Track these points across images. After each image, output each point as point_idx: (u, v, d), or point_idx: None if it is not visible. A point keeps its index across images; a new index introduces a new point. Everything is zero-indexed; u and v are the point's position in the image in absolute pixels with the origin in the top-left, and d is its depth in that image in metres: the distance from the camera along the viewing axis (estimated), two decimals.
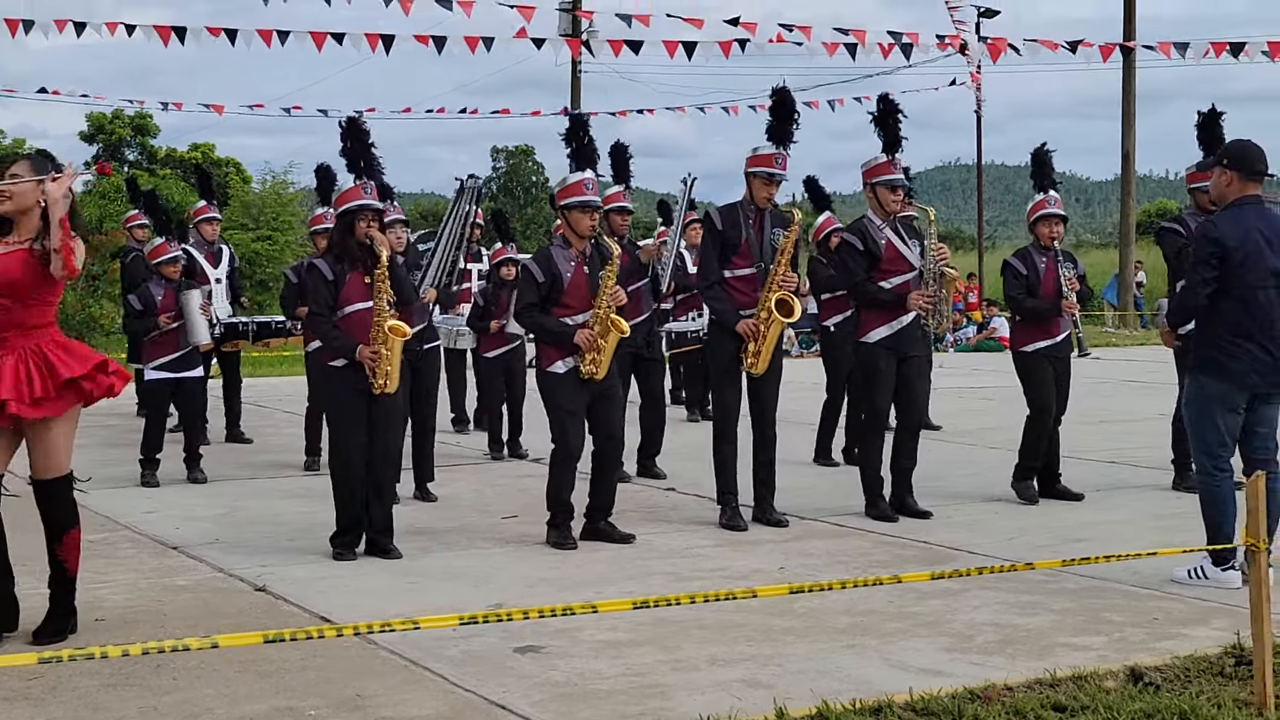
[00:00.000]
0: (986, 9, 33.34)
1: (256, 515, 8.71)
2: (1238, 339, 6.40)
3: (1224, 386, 6.46)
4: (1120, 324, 31.76)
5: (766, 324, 7.99)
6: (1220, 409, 6.48)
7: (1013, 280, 8.91)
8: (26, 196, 5.47)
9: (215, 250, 12.14)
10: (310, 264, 7.58)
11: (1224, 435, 6.52)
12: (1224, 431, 6.51)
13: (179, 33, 18.43)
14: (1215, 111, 8.69)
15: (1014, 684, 4.95)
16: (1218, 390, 6.47)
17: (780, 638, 5.66)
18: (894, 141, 8.38)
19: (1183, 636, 5.63)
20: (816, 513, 8.51)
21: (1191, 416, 6.64)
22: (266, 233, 35.83)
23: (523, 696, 4.91)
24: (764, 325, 7.99)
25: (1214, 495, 6.55)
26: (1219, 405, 6.48)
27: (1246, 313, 6.38)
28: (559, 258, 7.67)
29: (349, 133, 7.52)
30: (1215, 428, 6.51)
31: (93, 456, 11.25)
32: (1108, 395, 15.21)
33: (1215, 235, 6.40)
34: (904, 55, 21.26)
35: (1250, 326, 6.38)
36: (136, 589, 6.67)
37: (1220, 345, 6.44)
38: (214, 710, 4.78)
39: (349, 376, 7.28)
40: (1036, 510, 8.63)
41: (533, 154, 57.62)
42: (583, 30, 30.43)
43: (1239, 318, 6.39)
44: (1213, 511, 6.55)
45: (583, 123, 8.05)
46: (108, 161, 34.78)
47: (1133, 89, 33.19)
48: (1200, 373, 6.56)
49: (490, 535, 8.00)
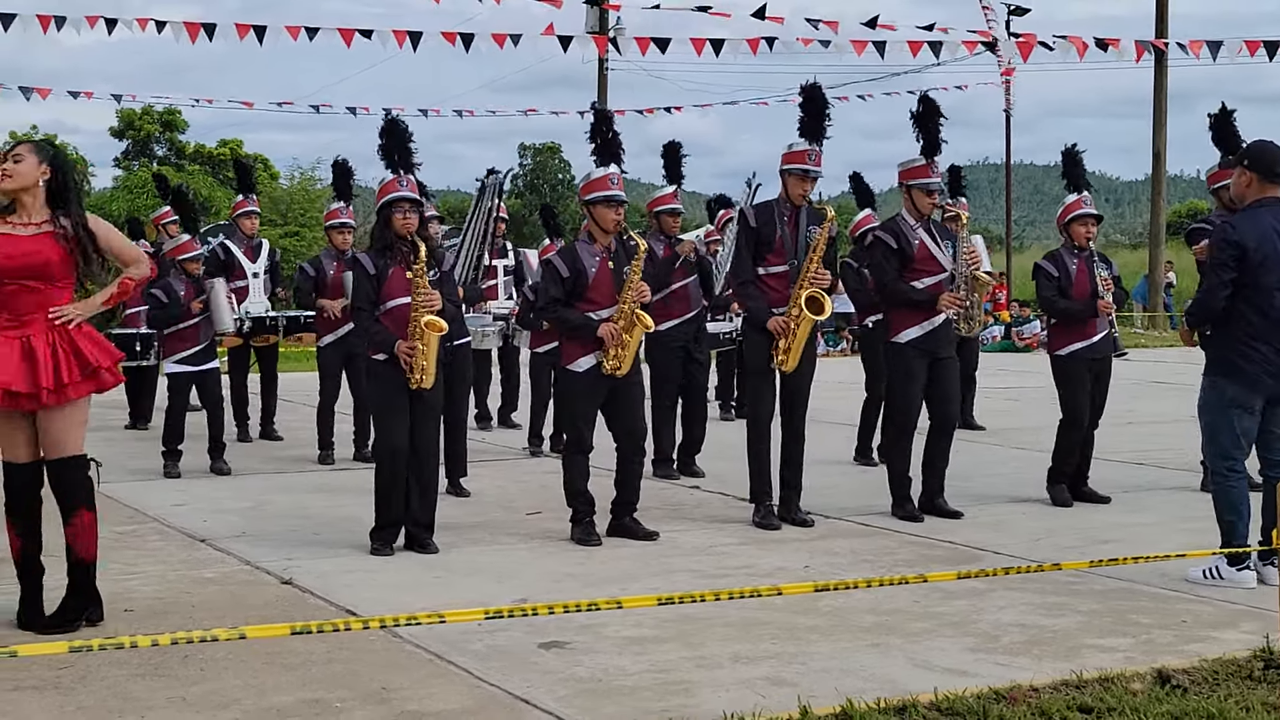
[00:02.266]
0: (1017, 6, 33.19)
1: (283, 509, 8.75)
2: (1253, 341, 6.39)
3: (1238, 388, 6.44)
4: (1150, 325, 31.59)
5: (797, 321, 7.97)
6: (1235, 411, 6.47)
7: (1045, 282, 8.84)
8: (28, 176, 5.62)
9: (255, 245, 12.18)
10: (354, 258, 7.61)
11: (1239, 437, 6.50)
12: (1239, 434, 6.49)
13: (208, 29, 18.49)
14: (1226, 110, 8.65)
15: (1040, 685, 4.93)
16: (1232, 392, 6.46)
17: (805, 636, 5.66)
18: (934, 144, 8.33)
19: (1211, 639, 5.59)
20: (842, 512, 8.50)
21: (1206, 418, 6.61)
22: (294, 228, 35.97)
23: (547, 691, 4.91)
24: (794, 322, 7.97)
25: (1228, 496, 6.54)
26: (1234, 407, 6.47)
27: (1261, 314, 6.38)
28: (584, 253, 7.68)
29: (387, 130, 7.55)
30: (1230, 430, 6.49)
31: (120, 449, 11.33)
32: (1137, 396, 15.13)
33: (1234, 237, 6.38)
34: (933, 53, 21.21)
35: (1265, 328, 6.38)
36: (165, 580, 6.71)
37: (1235, 347, 6.43)
38: (241, 701, 4.80)
39: (391, 371, 7.30)
40: (1064, 511, 8.59)
41: (559, 151, 57.65)
42: (610, 27, 30.45)
43: (1254, 319, 6.39)
44: (1227, 513, 6.54)
45: (607, 118, 8.05)
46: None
47: (1164, 88, 32.98)
48: (1215, 374, 6.55)
49: (515, 531, 8.01)
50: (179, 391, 10.21)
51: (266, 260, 12.09)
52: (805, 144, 8.04)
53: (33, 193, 5.64)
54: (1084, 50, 20.76)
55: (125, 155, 44.93)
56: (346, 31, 19.09)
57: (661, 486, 9.44)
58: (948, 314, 8.24)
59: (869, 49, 20.04)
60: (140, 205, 34.12)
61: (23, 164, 5.62)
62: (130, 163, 43.28)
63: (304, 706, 4.75)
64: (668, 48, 19.86)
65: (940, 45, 20.83)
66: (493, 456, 11.13)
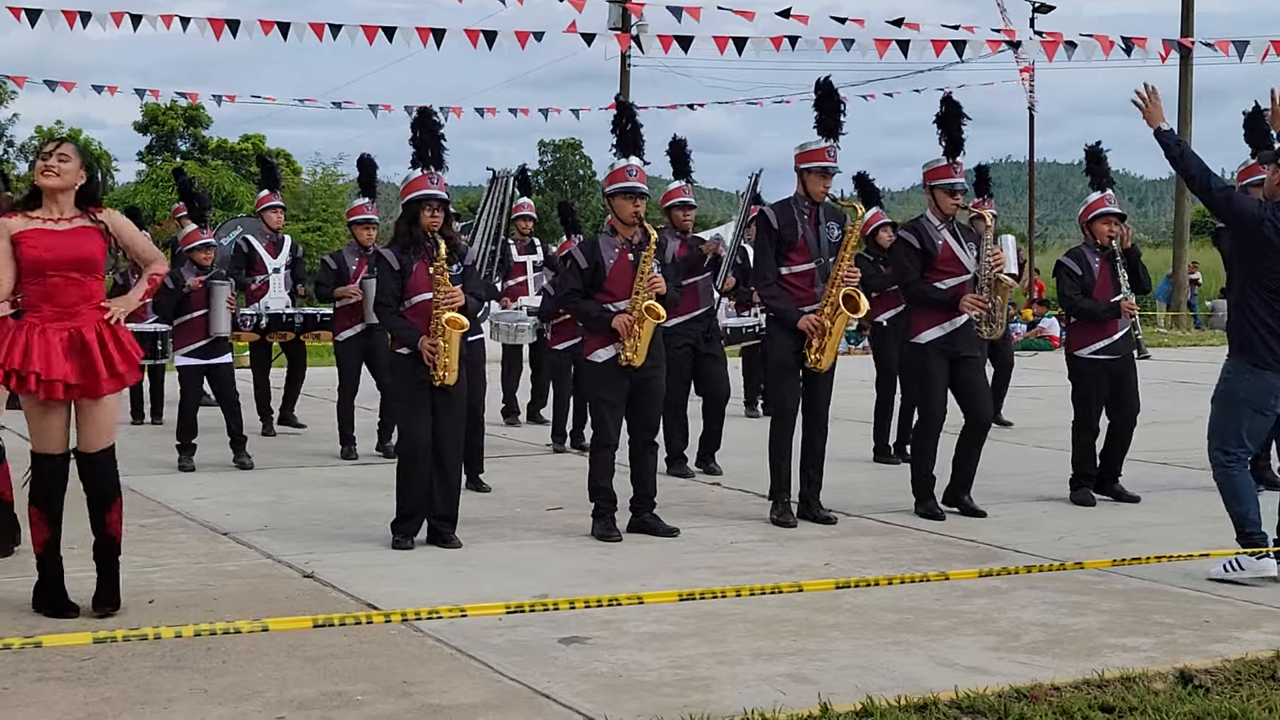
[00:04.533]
0: (1041, 4, 33.08)
1: (305, 503, 8.78)
2: (1270, 340, 6.40)
3: (1255, 387, 6.45)
4: (1173, 324, 31.45)
5: (832, 319, 7.96)
6: (1247, 410, 6.49)
7: (1067, 281, 8.81)
8: (72, 175, 5.82)
9: (277, 240, 12.22)
10: (378, 254, 7.65)
11: (1243, 436, 6.51)
12: (1245, 433, 6.51)
13: (232, 25, 18.56)
14: (1260, 109, 8.63)
15: (1061, 684, 4.92)
16: (1245, 392, 6.48)
17: (825, 633, 5.65)
18: (956, 144, 8.30)
19: (1233, 639, 5.57)
20: (863, 509, 8.49)
21: (1217, 408, 6.63)
22: (316, 224, 36.11)
23: (567, 686, 4.92)
24: (830, 320, 7.96)
25: (1232, 484, 6.56)
26: (1246, 405, 6.49)
27: (1274, 314, 6.41)
28: (604, 245, 7.72)
29: (420, 123, 7.57)
30: (1238, 427, 6.51)
31: (144, 442, 11.38)
32: (1161, 396, 15.06)
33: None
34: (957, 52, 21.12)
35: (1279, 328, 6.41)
36: (188, 573, 6.74)
37: (1254, 346, 6.44)
38: (264, 693, 4.82)
39: (413, 366, 7.32)
40: (1086, 510, 8.56)
41: (580, 148, 57.73)
42: (632, 24, 30.42)
43: (1268, 318, 6.41)
44: (1233, 502, 6.56)
45: (629, 110, 8.05)
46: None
47: (1189, 87, 32.83)
48: (1233, 371, 6.55)
49: (535, 526, 8.03)
50: (190, 385, 10.24)
51: (288, 256, 12.13)
52: (822, 141, 8.03)
53: (68, 192, 5.82)
54: (1109, 49, 20.66)
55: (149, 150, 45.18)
56: (370, 28, 19.14)
57: (682, 483, 9.44)
58: (970, 315, 8.20)
59: (893, 47, 19.99)
60: (163, 200, 34.27)
61: (69, 164, 5.81)
62: (154, 157, 43.52)
63: (325, 699, 4.77)
64: (690, 45, 19.84)
65: (964, 44, 20.75)
66: (515, 452, 11.15)
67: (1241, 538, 6.54)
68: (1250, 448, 6.56)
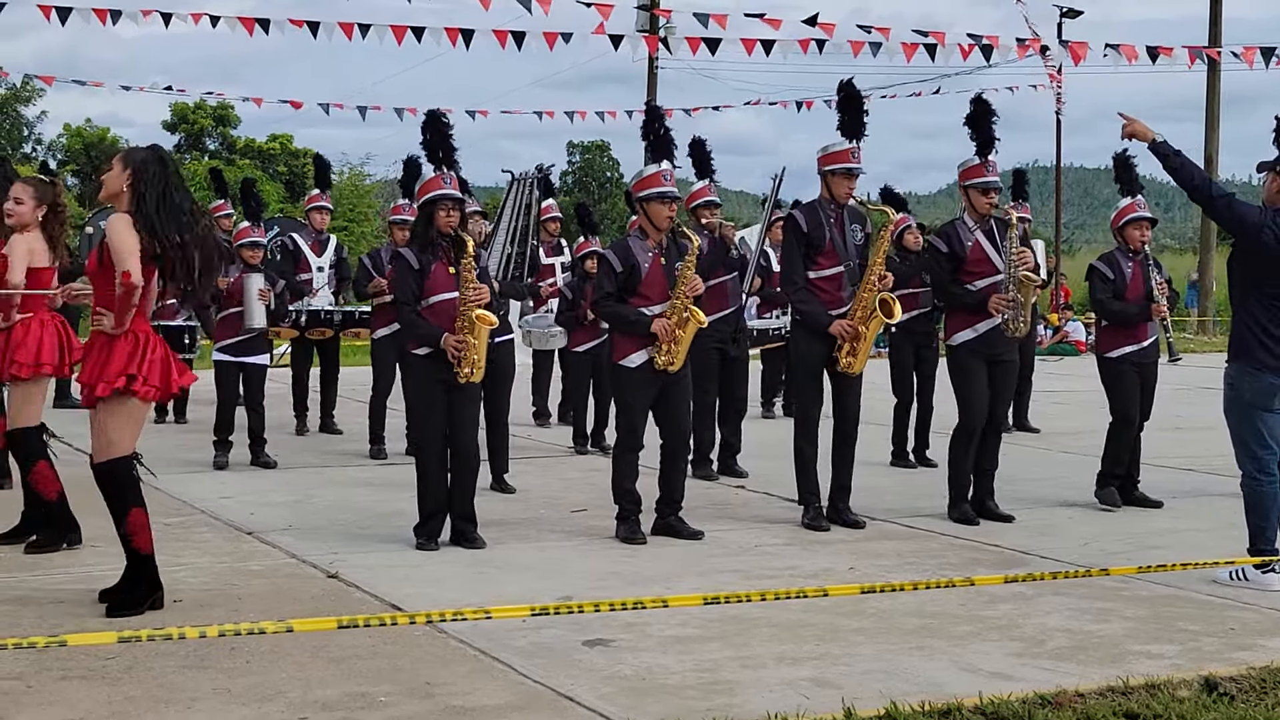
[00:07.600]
0: (1069, 9, 32.94)
1: (330, 502, 8.80)
2: (1268, 343, 6.45)
3: (1256, 389, 6.50)
4: (1199, 330, 31.27)
5: (866, 323, 7.95)
6: (1256, 411, 6.53)
7: (1100, 284, 8.81)
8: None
9: (323, 239, 12.25)
10: (396, 253, 7.67)
11: (1264, 436, 6.54)
12: (1264, 433, 6.54)
13: (262, 24, 18.62)
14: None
15: (1085, 690, 4.90)
16: (1250, 394, 6.52)
17: (849, 638, 5.64)
18: (987, 143, 8.28)
19: (1259, 647, 5.54)
20: (887, 513, 8.47)
21: (1232, 420, 6.68)
22: (343, 223, 36.20)
23: (591, 689, 4.92)
24: (864, 325, 7.95)
25: (1258, 499, 6.60)
26: (1253, 408, 6.53)
27: (1273, 319, 6.45)
28: (636, 248, 7.70)
29: (429, 125, 7.60)
30: (1254, 430, 6.55)
31: (168, 441, 11.42)
32: (1186, 402, 14.98)
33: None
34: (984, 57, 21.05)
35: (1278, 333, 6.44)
36: (212, 572, 6.77)
37: (1252, 349, 6.48)
38: (287, 694, 4.84)
39: (431, 366, 7.34)
40: (1111, 516, 8.53)
41: (608, 149, 57.75)
42: (660, 27, 30.41)
43: (1267, 323, 6.46)
44: (1255, 516, 6.60)
45: (659, 114, 8.05)
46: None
47: (1217, 93, 32.65)
48: (1235, 376, 6.60)
49: (560, 528, 8.03)
50: (226, 381, 10.27)
51: (333, 255, 12.16)
52: (846, 143, 8.03)
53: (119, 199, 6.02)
54: (1135, 58, 20.59)
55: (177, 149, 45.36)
56: (399, 28, 19.17)
57: (706, 486, 9.43)
58: (1001, 315, 8.17)
59: (919, 52, 19.93)
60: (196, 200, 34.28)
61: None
62: (182, 156, 43.70)
63: (349, 700, 4.78)
64: (718, 48, 19.82)
65: (991, 50, 20.67)
66: (540, 454, 11.16)
67: (1252, 549, 6.59)
68: (1275, 449, 6.56)
